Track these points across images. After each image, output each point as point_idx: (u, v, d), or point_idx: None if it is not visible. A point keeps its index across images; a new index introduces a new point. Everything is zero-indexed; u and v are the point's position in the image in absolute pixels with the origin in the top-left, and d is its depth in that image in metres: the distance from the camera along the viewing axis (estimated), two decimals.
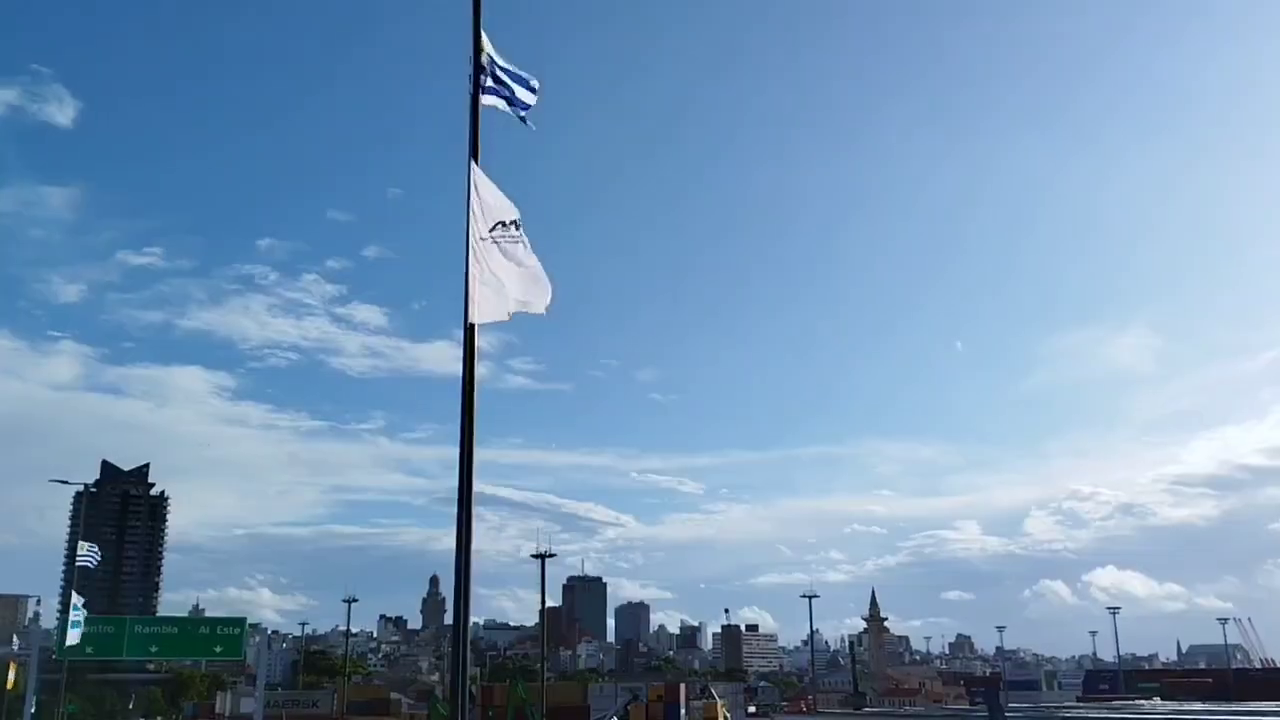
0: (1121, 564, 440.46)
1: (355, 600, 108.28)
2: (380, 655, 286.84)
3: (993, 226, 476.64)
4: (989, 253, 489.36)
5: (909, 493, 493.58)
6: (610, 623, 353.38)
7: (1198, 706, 71.40)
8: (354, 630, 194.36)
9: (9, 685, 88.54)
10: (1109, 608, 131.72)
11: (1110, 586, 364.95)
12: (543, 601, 72.73)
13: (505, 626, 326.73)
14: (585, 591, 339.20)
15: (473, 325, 11.68)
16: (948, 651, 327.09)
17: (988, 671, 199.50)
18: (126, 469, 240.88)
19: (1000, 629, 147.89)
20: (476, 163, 12.19)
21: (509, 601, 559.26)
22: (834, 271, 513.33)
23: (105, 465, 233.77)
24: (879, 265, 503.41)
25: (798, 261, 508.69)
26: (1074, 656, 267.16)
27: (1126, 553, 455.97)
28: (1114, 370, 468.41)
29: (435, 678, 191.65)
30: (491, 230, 11.82)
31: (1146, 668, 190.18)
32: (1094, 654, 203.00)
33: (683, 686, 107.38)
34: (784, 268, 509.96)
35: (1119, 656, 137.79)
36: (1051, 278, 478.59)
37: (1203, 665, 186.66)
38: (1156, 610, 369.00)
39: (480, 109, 12.58)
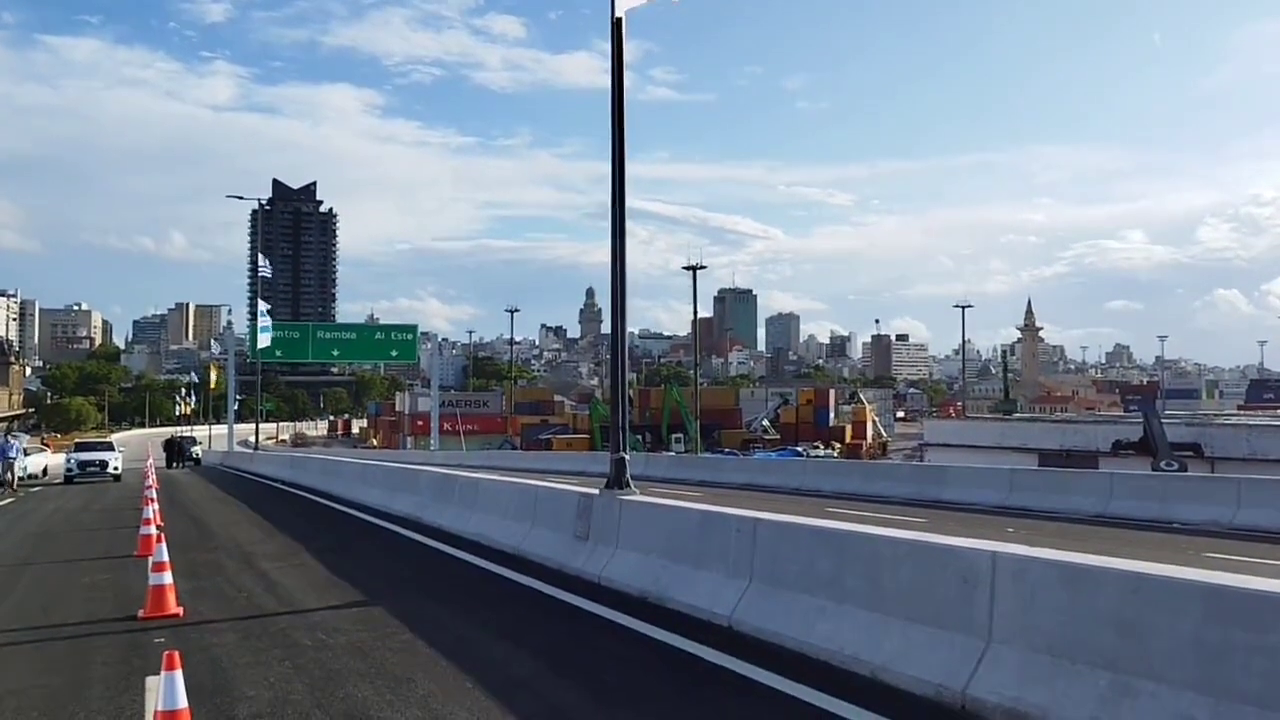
0: None
1: (517, 310, 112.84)
2: (543, 361, 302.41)
3: None
4: None
5: (1070, 200, 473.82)
6: (761, 333, 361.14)
7: None
8: (517, 338, 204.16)
9: (212, 385, 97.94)
10: None
11: None
12: (694, 311, 74.25)
13: (659, 336, 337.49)
14: (737, 302, 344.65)
15: (619, 18, 10.83)
16: (1104, 361, 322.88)
17: (1145, 381, 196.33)
18: (294, 187, 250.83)
19: (1162, 339, 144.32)
20: None
21: (663, 313, 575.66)
22: None
23: (275, 184, 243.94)
24: None
25: None
26: (1239, 367, 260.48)
27: None
28: None
29: (595, 382, 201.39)
30: None
31: None
32: (1260, 364, 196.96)
33: (832, 392, 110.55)
34: None
35: None
36: None
37: None
38: None
39: None
